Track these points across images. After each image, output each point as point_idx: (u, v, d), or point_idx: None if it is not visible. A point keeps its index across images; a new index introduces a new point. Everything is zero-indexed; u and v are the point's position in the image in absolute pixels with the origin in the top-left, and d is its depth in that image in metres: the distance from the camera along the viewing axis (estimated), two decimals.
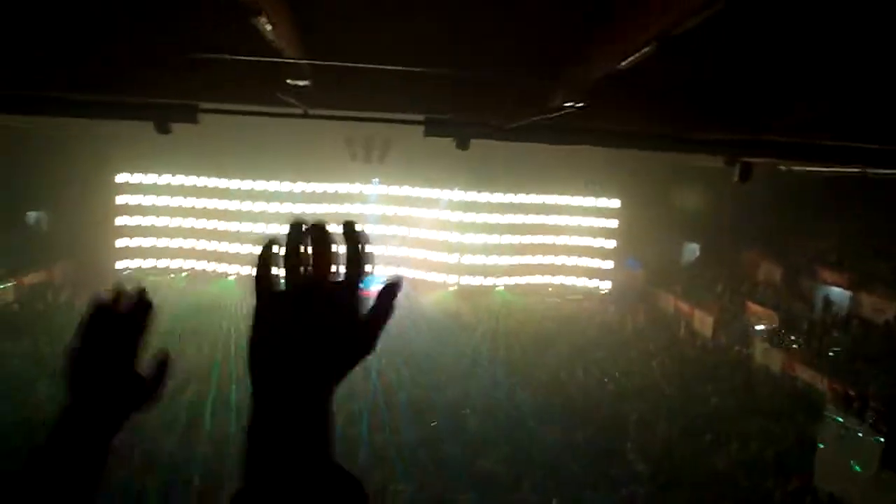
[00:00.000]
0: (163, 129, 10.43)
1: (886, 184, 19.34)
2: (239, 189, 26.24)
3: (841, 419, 14.80)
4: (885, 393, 15.56)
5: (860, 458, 13.86)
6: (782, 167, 18.07)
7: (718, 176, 12.83)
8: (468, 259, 27.78)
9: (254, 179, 26.09)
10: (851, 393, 15.71)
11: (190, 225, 26.47)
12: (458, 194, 27.20)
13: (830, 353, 18.67)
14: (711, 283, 26.19)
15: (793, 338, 20.28)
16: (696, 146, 11.39)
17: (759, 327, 22.13)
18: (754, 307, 23.00)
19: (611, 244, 28.08)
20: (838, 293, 21.11)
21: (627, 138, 11.03)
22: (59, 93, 9.33)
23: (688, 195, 24.78)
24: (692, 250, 29.60)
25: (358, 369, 1.06)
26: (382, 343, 1.10)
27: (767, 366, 20.26)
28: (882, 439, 13.58)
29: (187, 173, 25.89)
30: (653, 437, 17.30)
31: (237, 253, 26.56)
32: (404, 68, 7.75)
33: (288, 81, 8.36)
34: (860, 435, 14.10)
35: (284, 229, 1.09)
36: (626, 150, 14.12)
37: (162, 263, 26.77)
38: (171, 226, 26.39)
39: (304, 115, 9.65)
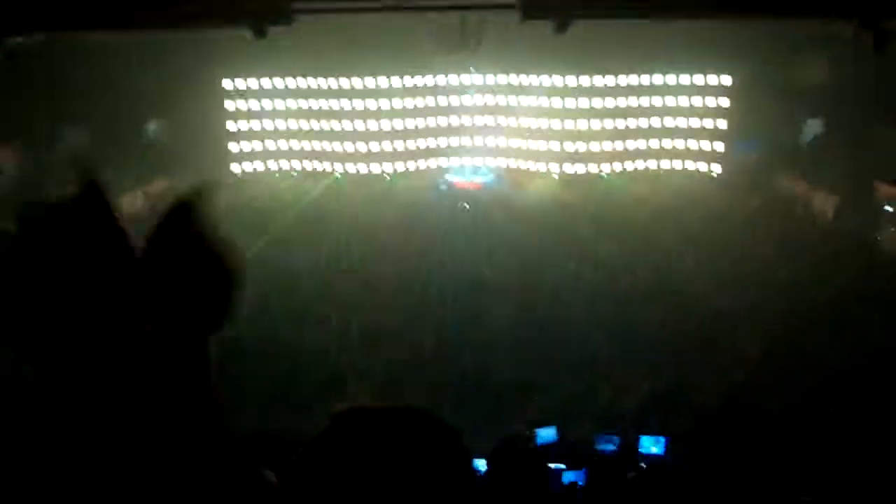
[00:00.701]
0: (259, 32, 10.55)
1: None
2: (339, 88, 26.35)
3: None
4: None
5: None
6: None
7: (846, 43, 11.58)
8: (570, 146, 27.05)
9: (352, 77, 26.08)
10: None
11: (296, 127, 27.08)
12: (558, 79, 26.14)
13: None
14: (836, 162, 24.34)
15: None
16: (825, 9, 10.31)
17: (891, 209, 20.58)
18: (885, 187, 21.31)
19: (722, 124, 26.41)
20: None
21: (745, 5, 10.12)
22: (147, 5, 9.53)
23: (811, 67, 22.64)
24: (815, 127, 27.35)
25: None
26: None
27: None
28: None
29: (289, 75, 26.22)
30: (761, 328, 16.92)
31: (343, 151, 27.10)
32: None
33: None
34: None
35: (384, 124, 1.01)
36: (743, 20, 12.97)
37: (273, 166, 27.76)
38: (278, 128, 27.09)
39: (397, 8, 9.44)
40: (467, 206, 24.10)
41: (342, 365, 15.17)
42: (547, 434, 9.05)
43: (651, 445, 8.90)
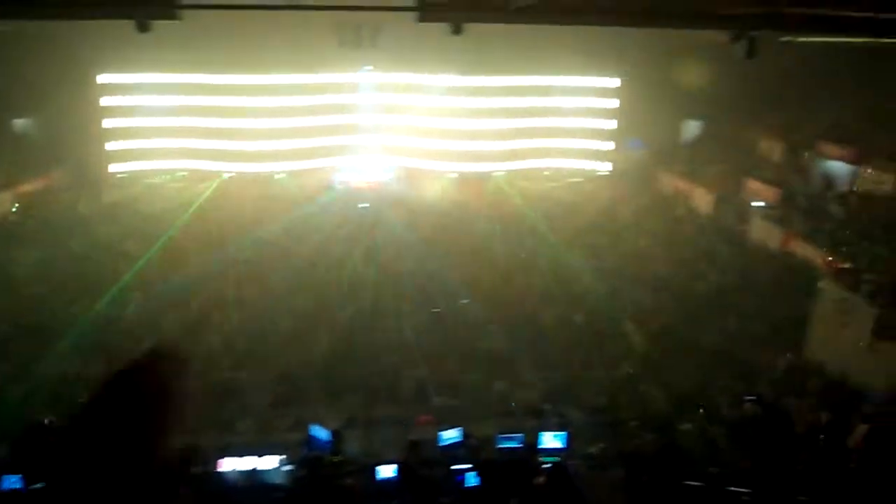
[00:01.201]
0: (143, 26, 9.99)
1: (892, 54, 18.79)
2: (228, 84, 25.42)
3: (836, 292, 15.13)
4: (879, 266, 15.86)
5: (854, 330, 14.28)
6: (785, 39, 17.46)
7: (720, 52, 12.37)
8: (465, 146, 27.42)
9: (242, 74, 25.21)
10: (847, 266, 15.97)
11: (180, 124, 25.88)
12: (453, 79, 26.43)
13: (828, 228, 18.83)
14: (712, 161, 26.02)
15: (791, 214, 20.37)
16: (702, 22, 10.95)
17: (759, 204, 22.20)
18: (754, 184, 22.97)
19: (611, 125, 27.62)
20: (839, 167, 21.02)
21: (630, 16, 10.59)
22: None
23: (689, 72, 24.07)
24: (693, 128, 29.16)
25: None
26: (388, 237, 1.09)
27: (765, 241, 20.49)
28: (875, 310, 13.94)
29: (173, 71, 25.00)
30: (650, 315, 17.79)
31: (233, 150, 26.18)
32: None
33: None
34: (854, 307, 14.46)
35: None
36: (628, 28, 13.58)
37: (156, 165, 26.41)
38: (161, 126, 25.79)
39: (291, 7, 9.20)
40: (366, 205, 23.87)
41: (240, 368, 14.70)
42: (450, 436, 9.12)
43: (551, 440, 9.17)
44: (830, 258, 17.26)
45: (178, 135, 26.02)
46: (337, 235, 21.36)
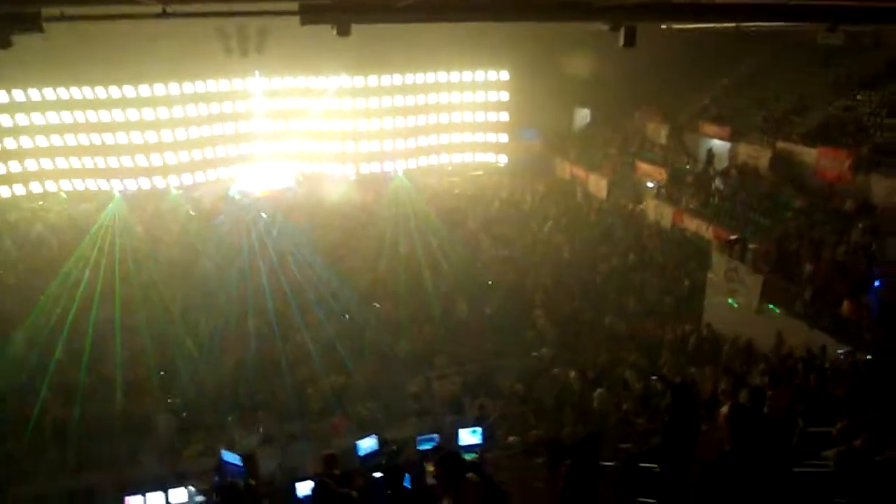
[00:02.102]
0: (2, 42, 9.27)
1: (759, 36, 20.10)
2: (110, 98, 24.00)
3: (725, 262, 16.04)
4: (762, 234, 16.92)
5: (744, 296, 15.19)
6: (664, 26, 18.31)
7: (604, 39, 12.82)
8: (364, 146, 27.20)
9: (123, 86, 23.86)
10: (733, 237, 16.93)
11: (60, 143, 24.22)
12: (345, 80, 26.12)
13: (714, 202, 19.91)
14: (603, 146, 26.95)
15: (680, 191, 21.40)
16: (581, 14, 11.27)
17: (650, 184, 23.18)
18: (644, 166, 23.96)
19: (504, 117, 28.10)
20: (719, 145, 22.23)
21: (511, 11, 10.75)
22: None
23: (575, 61, 24.84)
24: (584, 115, 30.10)
25: None
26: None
27: (659, 220, 21.44)
28: (761, 276, 14.88)
29: (48, 86, 23.35)
30: (555, 300, 18.27)
31: (120, 167, 24.76)
32: None
33: None
34: (743, 275, 15.37)
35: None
36: (512, 22, 13.82)
37: (36, 188, 24.64)
38: (38, 146, 24.04)
39: (163, 15, 8.77)
40: (264, 215, 23.19)
41: (142, 396, 13.99)
42: (367, 445, 9.01)
43: (469, 436, 9.24)
44: (718, 230, 18.25)
45: (56, 154, 24.37)
46: (238, 247, 20.65)
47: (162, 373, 14.74)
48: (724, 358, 14.20)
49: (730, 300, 15.60)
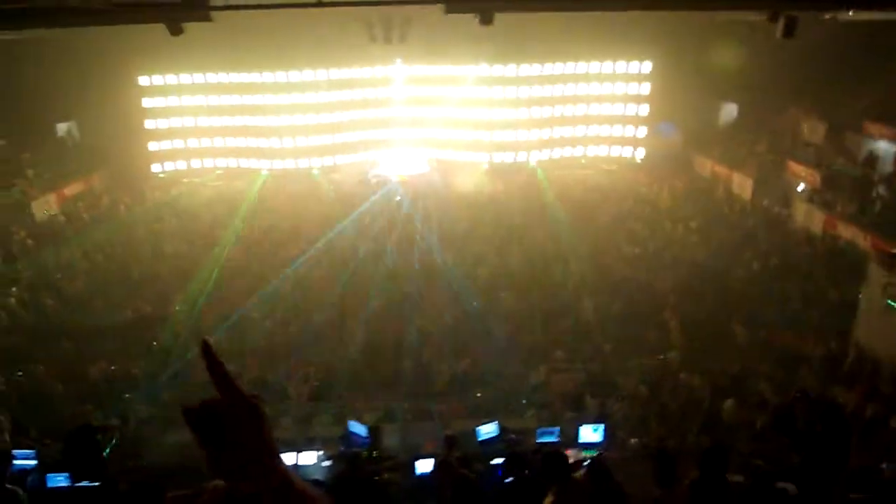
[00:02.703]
0: (175, 29, 10.14)
1: None
2: (262, 83, 25.70)
3: (884, 276, 14.66)
4: None
5: None
6: (826, 16, 16.92)
7: (757, 30, 12.01)
8: (499, 136, 27.27)
9: (274, 71, 25.45)
10: (894, 250, 15.45)
11: (215, 124, 26.31)
12: (484, 69, 26.27)
13: (874, 210, 18.26)
14: (751, 144, 25.41)
15: (835, 196, 19.81)
16: (736, 2, 10.68)
17: (801, 187, 21.62)
18: (795, 166, 22.37)
19: (644, 110, 27.14)
20: (884, 147, 20.33)
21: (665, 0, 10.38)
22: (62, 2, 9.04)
23: (724, 53, 23.48)
24: (730, 111, 28.46)
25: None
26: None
27: (808, 225, 19.97)
28: None
29: (208, 71, 25.39)
30: (690, 305, 17.49)
31: (269, 147, 26.54)
32: None
33: None
34: None
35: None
36: (660, 10, 13.30)
37: (195, 164, 26.92)
38: (199, 125, 26.26)
39: (319, 4, 9.22)
40: (399, 199, 23.92)
41: (277, 365, 14.93)
42: (488, 430, 9.11)
43: (590, 433, 9.10)
44: (878, 241, 16.75)
45: (213, 134, 26.49)
46: (371, 229, 21.45)
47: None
48: (880, 381, 13.02)
49: (890, 301, 14.19)
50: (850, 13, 15.89)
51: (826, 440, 5.95)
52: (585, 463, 6.30)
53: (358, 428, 9.38)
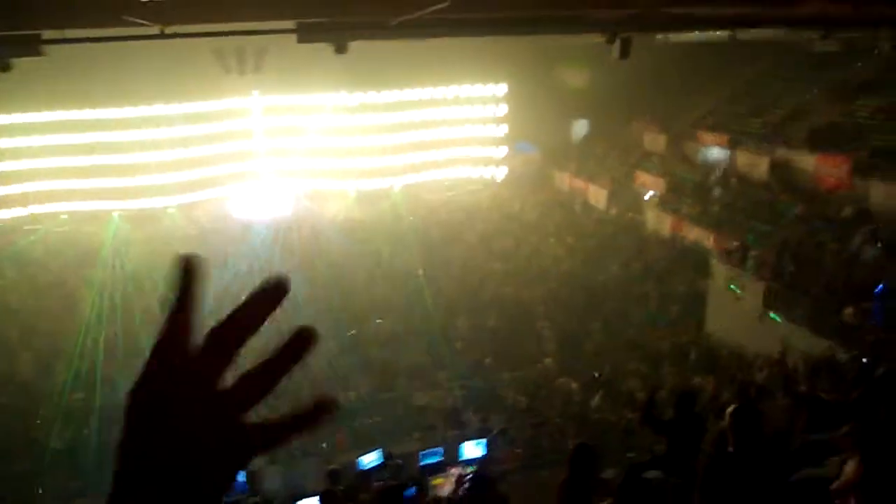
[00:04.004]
0: (2, 66, 9.38)
1: (755, 45, 20.22)
2: (108, 119, 24.14)
3: (725, 271, 16.03)
4: (762, 242, 16.92)
5: (744, 303, 15.17)
6: (659, 37, 18.42)
7: (601, 51, 12.89)
8: (362, 162, 27.26)
9: (121, 107, 23.99)
10: (734, 245, 16.94)
11: (57, 165, 24.33)
12: (344, 97, 26.24)
13: (714, 211, 19.94)
14: (602, 157, 27.03)
15: (679, 200, 21.44)
16: (575, 27, 11.37)
17: (649, 194, 23.22)
18: (643, 175, 24.01)
19: (502, 130, 28.18)
20: (717, 153, 22.28)
21: (507, 25, 10.85)
22: None
23: (573, 73, 24.97)
24: (582, 127, 30.19)
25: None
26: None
27: (658, 229, 21.46)
28: (763, 284, 14.86)
29: (45, 109, 23.51)
30: (558, 310, 18.26)
31: (119, 187, 24.86)
32: None
33: None
34: (743, 282, 15.36)
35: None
36: (507, 36, 13.92)
37: (37, 209, 24.76)
38: (38, 167, 24.18)
39: (162, 35, 8.86)
40: (266, 231, 23.26)
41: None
42: (371, 459, 8.97)
43: (473, 449, 9.21)
44: (719, 239, 18.26)
45: (55, 176, 24.49)
46: (237, 266, 20.69)
47: None
48: (724, 367, 14.15)
49: (731, 286, 15.48)
50: (679, 34, 17.44)
51: (681, 426, 6.36)
52: (468, 477, 6.36)
53: None
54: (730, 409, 4.15)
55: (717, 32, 14.77)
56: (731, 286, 15.49)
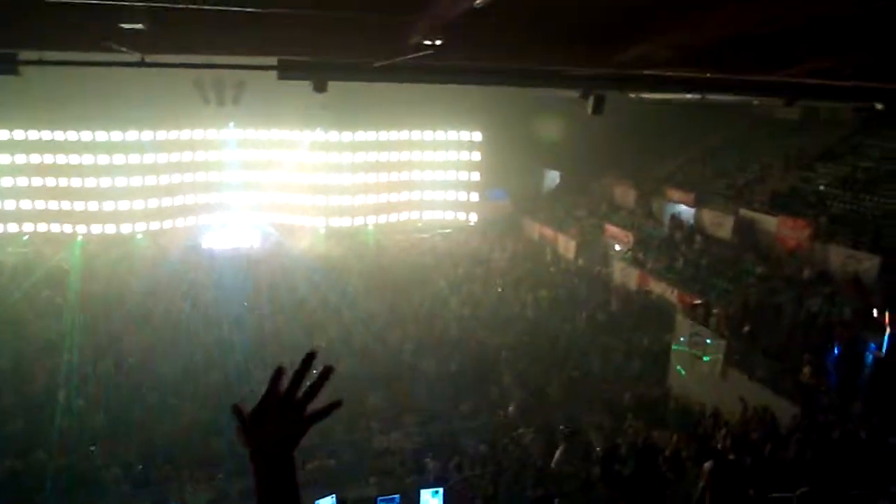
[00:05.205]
0: None
1: (724, 109, 20.95)
2: (79, 141, 23.83)
3: (689, 326, 16.24)
4: (725, 299, 17.24)
5: (707, 360, 15.34)
6: (632, 96, 18.94)
7: (575, 105, 13.25)
8: (336, 200, 27.29)
9: (94, 131, 23.73)
10: (697, 301, 17.22)
11: (27, 184, 23.84)
12: (320, 134, 26.37)
13: (678, 267, 20.29)
14: (572, 209, 27.44)
15: (646, 255, 21.80)
16: (550, 81, 11.65)
17: (617, 247, 23.57)
18: (612, 229, 24.40)
19: (475, 176, 28.53)
20: (684, 210, 22.80)
21: (485, 74, 11.07)
22: None
23: (547, 125, 25.53)
24: (553, 178, 30.74)
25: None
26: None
27: (625, 283, 21.72)
28: (724, 341, 15.08)
29: (16, 127, 23.17)
30: (523, 358, 18.24)
31: (85, 210, 24.39)
32: (252, 9, 7.24)
33: (121, 26, 7.58)
34: (707, 339, 15.55)
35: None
36: (483, 85, 14.21)
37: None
38: (3, 186, 23.67)
39: (142, 64, 8.85)
40: (233, 264, 22.96)
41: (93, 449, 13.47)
42: (326, 503, 8.74)
43: (430, 498, 9.04)
44: (683, 294, 18.54)
45: (21, 196, 23.97)
46: (203, 297, 20.36)
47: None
48: (692, 423, 14.22)
49: (700, 365, 15.67)
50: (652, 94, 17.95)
51: (641, 481, 6.36)
52: None
53: None
54: (708, 465, 4.17)
55: (688, 95, 15.27)
56: (694, 351, 15.72)
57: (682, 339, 16.38)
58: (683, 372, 15.80)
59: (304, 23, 8.93)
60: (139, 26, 7.77)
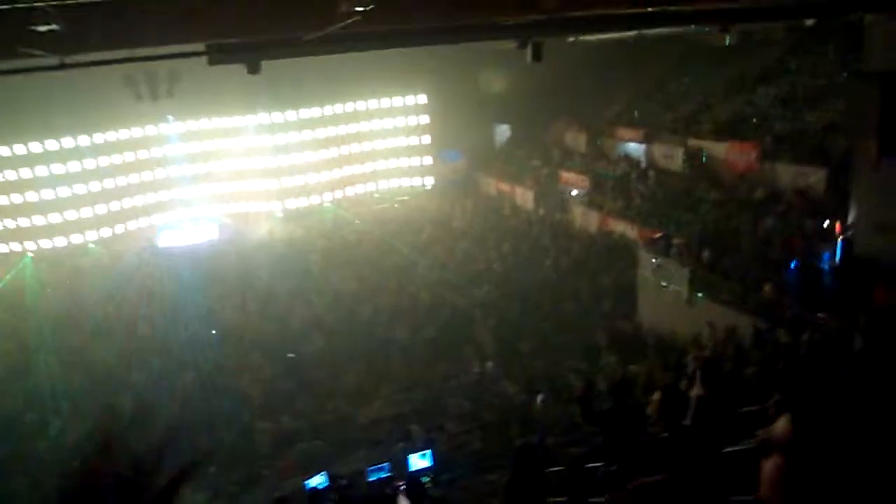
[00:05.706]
0: None
1: (661, 42, 21.02)
2: (13, 155, 22.88)
3: (653, 259, 16.55)
4: (684, 230, 17.56)
5: (672, 289, 15.68)
6: (571, 39, 18.90)
7: (515, 56, 13.16)
8: (289, 181, 26.91)
9: (27, 143, 22.79)
10: (657, 235, 17.52)
11: None
12: (263, 117, 25.84)
13: (636, 204, 20.57)
14: (526, 160, 27.50)
15: (603, 196, 22.03)
16: (486, 33, 11.55)
17: (574, 193, 23.75)
18: (567, 175, 24.54)
19: (426, 140, 28.36)
20: (635, 148, 23.01)
21: (418, 35, 10.93)
22: None
23: (491, 80, 25.41)
24: (504, 132, 30.68)
25: None
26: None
27: (586, 226, 21.97)
28: (687, 269, 15.41)
29: None
30: (494, 313, 18.44)
31: (31, 226, 23.58)
32: None
33: (32, 28, 7.28)
34: (670, 270, 15.88)
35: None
36: (419, 46, 14.01)
37: None
38: None
39: (62, 66, 8.52)
40: (192, 258, 22.56)
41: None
42: (317, 482, 8.81)
43: (419, 461, 9.18)
44: (643, 230, 18.84)
45: None
46: (169, 294, 20.03)
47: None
48: (658, 353, 14.60)
49: (662, 283, 15.98)
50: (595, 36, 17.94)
51: (619, 414, 6.52)
52: (401, 486, 6.36)
53: None
54: (656, 395, 4.29)
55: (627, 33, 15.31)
56: (662, 283, 16.01)
57: (646, 273, 16.70)
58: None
59: (227, 1, 8.71)
60: (55, 27, 7.48)
